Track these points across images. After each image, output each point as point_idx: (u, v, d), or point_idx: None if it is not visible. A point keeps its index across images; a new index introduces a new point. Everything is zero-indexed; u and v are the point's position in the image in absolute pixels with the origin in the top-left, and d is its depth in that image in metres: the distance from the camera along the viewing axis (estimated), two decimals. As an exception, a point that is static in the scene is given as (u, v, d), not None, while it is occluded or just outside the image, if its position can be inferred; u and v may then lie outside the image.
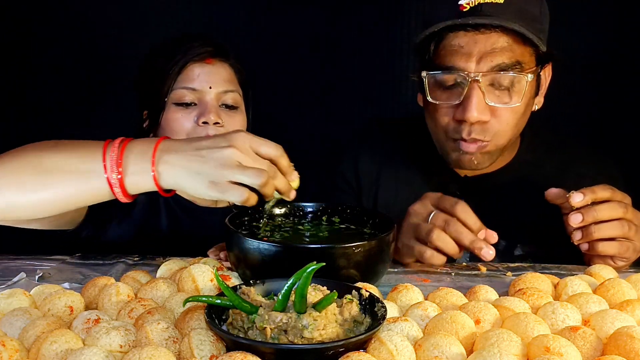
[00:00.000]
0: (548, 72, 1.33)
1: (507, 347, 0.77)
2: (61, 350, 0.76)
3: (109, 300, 0.93)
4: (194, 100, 1.44)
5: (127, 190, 1.02)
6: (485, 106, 1.21)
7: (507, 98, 1.23)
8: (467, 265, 1.23)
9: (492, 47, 1.19)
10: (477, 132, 1.24)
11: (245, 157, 0.99)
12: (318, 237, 1.12)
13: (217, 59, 1.48)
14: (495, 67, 1.20)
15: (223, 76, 1.47)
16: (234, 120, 1.47)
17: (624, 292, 0.97)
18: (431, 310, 0.89)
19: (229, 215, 1.12)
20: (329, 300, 0.81)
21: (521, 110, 1.25)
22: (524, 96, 1.23)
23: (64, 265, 1.20)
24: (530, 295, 0.96)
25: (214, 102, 1.44)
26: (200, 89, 1.44)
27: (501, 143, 1.28)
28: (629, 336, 0.77)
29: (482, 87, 1.20)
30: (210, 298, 0.83)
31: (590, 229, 1.11)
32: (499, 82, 1.22)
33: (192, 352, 0.75)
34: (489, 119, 1.23)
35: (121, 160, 1.00)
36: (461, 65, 1.21)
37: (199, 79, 1.44)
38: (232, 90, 1.47)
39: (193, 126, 1.43)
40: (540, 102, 1.34)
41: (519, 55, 1.21)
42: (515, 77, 1.21)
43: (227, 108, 1.47)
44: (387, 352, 0.75)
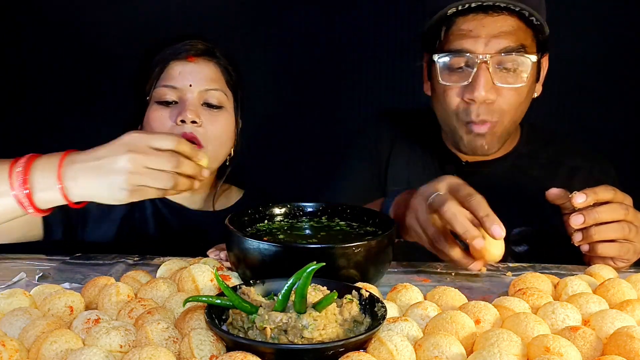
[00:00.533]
0: (546, 61, 1.40)
1: (507, 347, 0.77)
2: (61, 350, 0.76)
3: (109, 300, 0.93)
4: (175, 98, 1.42)
5: (37, 206, 1.07)
6: (493, 86, 1.28)
7: (512, 79, 1.30)
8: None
9: (500, 30, 1.27)
10: (485, 112, 1.30)
11: (146, 158, 1.03)
12: (318, 237, 1.12)
13: (202, 58, 1.45)
14: (502, 49, 1.27)
15: (206, 74, 1.44)
16: (216, 120, 1.43)
17: (624, 292, 0.97)
18: (431, 310, 0.89)
19: (228, 216, 1.12)
20: (329, 300, 0.81)
21: (524, 92, 1.32)
22: (527, 78, 1.30)
23: (64, 265, 1.20)
24: (530, 295, 0.96)
25: (194, 100, 1.41)
26: (180, 87, 1.41)
27: (506, 124, 1.34)
28: (629, 336, 0.77)
29: (490, 68, 1.27)
30: (210, 298, 0.83)
31: (590, 231, 1.11)
32: (505, 64, 1.28)
33: (192, 352, 0.75)
34: (495, 99, 1.29)
35: (27, 177, 1.04)
36: (470, 47, 1.28)
37: (180, 76, 1.42)
38: (215, 89, 1.44)
39: (172, 125, 1.40)
40: (539, 90, 1.40)
41: (523, 38, 1.28)
42: (520, 59, 1.28)
43: (210, 107, 1.43)
44: (387, 352, 0.75)
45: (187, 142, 1.09)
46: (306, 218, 1.21)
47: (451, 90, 1.33)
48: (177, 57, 1.43)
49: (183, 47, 1.44)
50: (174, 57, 1.43)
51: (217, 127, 1.43)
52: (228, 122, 1.46)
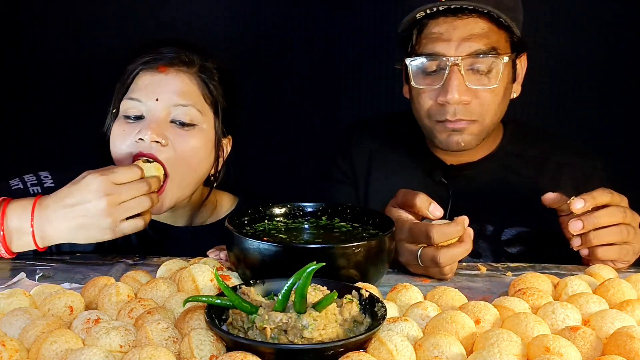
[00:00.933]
0: (524, 61, 1.41)
1: (507, 347, 0.77)
2: (61, 350, 0.76)
3: (109, 300, 0.93)
4: (140, 113, 1.26)
5: (12, 249, 1.13)
6: (466, 88, 1.29)
7: (486, 80, 1.30)
8: (467, 265, 1.23)
9: (470, 32, 1.28)
10: (461, 112, 1.31)
11: (118, 195, 1.11)
12: (318, 237, 1.12)
13: (174, 68, 1.28)
14: (473, 52, 1.28)
15: (177, 87, 1.27)
16: (185, 140, 1.26)
17: (624, 292, 0.97)
18: (431, 310, 0.89)
19: (228, 216, 1.12)
20: (329, 300, 0.81)
21: (500, 93, 1.32)
22: (501, 79, 1.30)
23: (64, 265, 1.20)
24: (530, 295, 0.96)
25: (160, 117, 1.25)
26: (145, 100, 1.25)
27: (486, 124, 1.34)
28: (629, 336, 0.77)
29: (462, 70, 1.28)
30: (210, 298, 0.83)
31: (589, 236, 1.12)
32: (478, 66, 1.29)
33: (192, 352, 0.75)
34: (471, 101, 1.30)
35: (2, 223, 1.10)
36: (441, 50, 1.29)
37: (147, 89, 1.26)
38: (186, 104, 1.26)
39: (131, 142, 1.25)
40: (518, 90, 1.41)
41: (495, 41, 1.29)
42: (493, 61, 1.29)
43: (181, 125, 1.27)
44: (387, 352, 0.75)
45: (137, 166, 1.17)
46: (306, 218, 1.21)
47: (424, 93, 1.34)
48: (147, 67, 1.28)
49: (155, 55, 1.29)
50: (143, 66, 1.28)
51: (187, 148, 1.26)
52: (202, 141, 1.29)
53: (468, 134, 1.33)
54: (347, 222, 1.19)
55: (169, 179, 1.26)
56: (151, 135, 1.22)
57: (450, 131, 1.33)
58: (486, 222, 1.43)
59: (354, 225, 1.17)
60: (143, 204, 1.14)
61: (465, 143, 1.34)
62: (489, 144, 1.45)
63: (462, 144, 1.34)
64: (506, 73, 1.32)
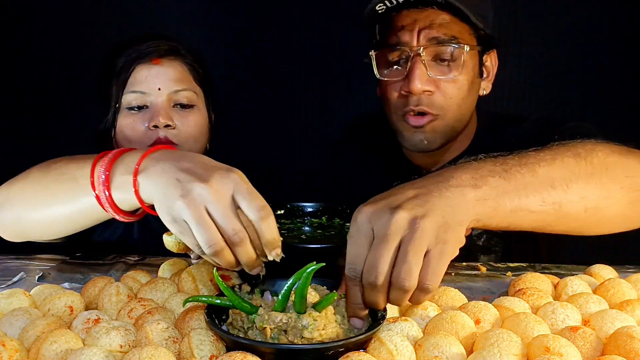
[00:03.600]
0: (494, 58, 1.41)
1: (507, 347, 0.77)
2: (61, 350, 0.76)
3: (109, 300, 0.93)
4: (145, 103, 1.40)
5: (119, 206, 0.92)
6: (429, 78, 1.28)
7: (448, 70, 1.29)
8: (467, 265, 1.23)
9: (431, 22, 1.28)
10: (424, 103, 1.29)
11: (217, 206, 0.83)
12: (318, 237, 1.12)
13: (166, 58, 1.42)
14: (433, 39, 1.28)
15: (173, 75, 1.42)
16: (187, 120, 1.42)
17: (624, 292, 0.97)
18: (431, 310, 0.89)
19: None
20: (329, 300, 0.81)
21: (464, 86, 1.31)
22: (465, 71, 1.30)
23: (64, 265, 1.20)
24: (530, 295, 0.96)
25: (165, 103, 1.39)
26: (148, 91, 1.39)
27: (448, 119, 1.31)
28: (629, 336, 0.77)
29: (424, 60, 1.27)
30: (210, 298, 0.83)
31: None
32: (440, 56, 1.29)
33: (192, 352, 0.75)
34: (434, 91, 1.29)
35: (109, 174, 0.91)
36: (404, 40, 1.29)
37: (147, 81, 1.39)
38: (184, 89, 1.42)
39: (145, 130, 1.38)
40: (488, 88, 1.40)
41: (457, 31, 1.29)
42: (455, 51, 1.28)
43: (182, 107, 1.42)
44: (387, 352, 0.75)
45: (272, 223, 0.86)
46: (306, 218, 1.21)
47: (389, 85, 1.34)
48: (141, 61, 1.40)
49: (146, 49, 1.41)
50: (138, 60, 1.40)
51: (190, 126, 1.42)
52: (200, 119, 1.46)
53: (430, 132, 1.32)
54: (347, 222, 1.19)
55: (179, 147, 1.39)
56: (163, 121, 1.36)
57: (413, 129, 1.32)
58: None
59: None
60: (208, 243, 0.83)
61: (429, 142, 1.33)
62: (460, 143, 1.42)
63: (425, 142, 1.33)
64: (470, 66, 1.31)
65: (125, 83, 1.39)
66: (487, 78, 1.40)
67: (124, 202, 0.92)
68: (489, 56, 1.39)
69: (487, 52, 1.37)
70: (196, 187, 0.83)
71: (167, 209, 0.84)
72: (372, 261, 0.79)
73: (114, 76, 1.40)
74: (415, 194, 0.84)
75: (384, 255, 0.79)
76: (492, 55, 1.40)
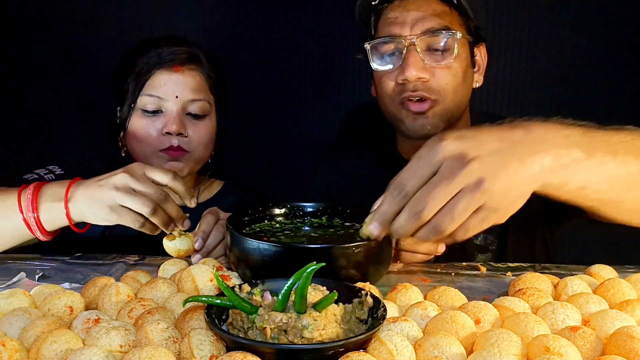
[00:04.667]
0: (483, 52, 1.46)
1: (507, 347, 0.77)
2: (61, 350, 0.76)
3: (109, 300, 0.93)
4: (159, 108, 1.44)
5: (45, 227, 1.14)
6: (423, 66, 1.32)
7: (442, 58, 1.34)
8: (467, 265, 1.23)
9: (423, 13, 1.33)
10: (422, 89, 1.33)
11: (136, 182, 1.09)
12: (318, 237, 1.12)
13: (187, 67, 1.46)
14: (426, 30, 1.32)
15: (191, 85, 1.46)
16: (198, 129, 1.47)
17: (624, 292, 0.97)
18: (431, 310, 0.89)
19: (228, 216, 1.12)
20: (329, 300, 0.81)
21: (459, 73, 1.35)
22: (458, 58, 1.34)
23: (64, 265, 1.20)
24: (530, 295, 0.96)
25: (179, 111, 1.44)
26: (165, 97, 1.43)
27: (447, 104, 1.35)
28: (629, 336, 0.77)
29: (418, 49, 1.32)
30: (210, 298, 0.83)
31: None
32: (434, 45, 1.33)
33: (192, 352, 0.75)
34: (429, 78, 1.33)
35: (36, 202, 1.13)
36: (397, 31, 1.34)
37: (166, 87, 1.43)
38: (199, 99, 1.46)
39: (157, 135, 1.44)
40: (480, 80, 1.45)
41: (449, 21, 1.34)
42: (447, 38, 1.33)
43: (193, 117, 1.47)
44: (387, 352, 0.75)
45: (181, 180, 1.16)
46: (306, 218, 1.21)
47: (385, 75, 1.37)
48: (162, 66, 1.43)
49: (168, 54, 1.44)
50: (159, 65, 1.43)
51: (201, 135, 1.48)
52: (210, 128, 1.51)
53: (432, 117, 1.34)
54: (347, 222, 1.19)
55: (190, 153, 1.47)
56: (177, 129, 1.42)
57: (414, 114, 1.35)
58: None
59: (354, 225, 1.17)
60: (144, 206, 1.09)
61: (432, 127, 1.35)
62: None
63: (428, 127, 1.35)
64: (463, 55, 1.35)
65: (143, 85, 1.43)
66: (478, 71, 1.45)
67: (50, 224, 1.15)
68: (479, 49, 1.44)
69: (477, 45, 1.43)
70: (117, 178, 1.09)
71: (101, 205, 1.09)
72: (428, 193, 0.81)
73: (133, 76, 1.43)
74: (497, 148, 0.84)
75: (441, 194, 0.80)
76: (482, 49, 1.45)
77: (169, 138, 1.43)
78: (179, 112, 1.44)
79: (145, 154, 1.47)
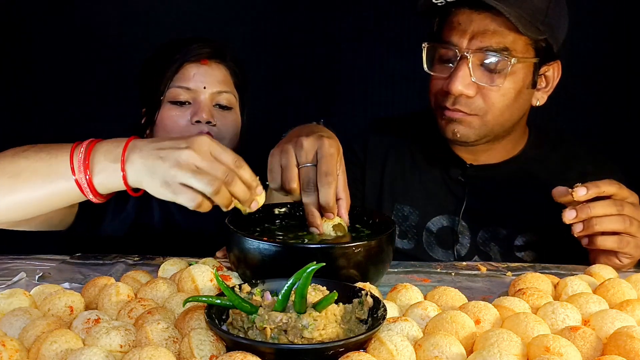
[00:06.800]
0: (556, 70, 1.37)
1: (507, 347, 0.77)
2: (61, 350, 0.76)
3: (109, 300, 0.93)
4: (188, 99, 1.48)
5: (97, 189, 1.03)
6: (471, 82, 1.28)
7: (493, 78, 1.29)
8: (467, 265, 1.23)
9: (485, 28, 1.27)
10: (462, 104, 1.30)
11: (202, 161, 0.98)
12: (318, 237, 1.12)
13: (214, 61, 1.51)
14: (483, 47, 1.27)
15: (218, 77, 1.51)
16: (226, 120, 1.51)
17: (624, 292, 0.97)
18: (431, 310, 0.89)
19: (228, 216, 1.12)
20: (329, 300, 0.81)
21: (510, 95, 1.30)
22: (511, 81, 1.29)
23: (64, 265, 1.20)
24: (530, 295, 0.96)
25: (207, 101, 1.48)
26: (194, 88, 1.47)
27: (487, 121, 1.32)
28: (629, 336, 0.77)
29: (470, 63, 1.27)
30: (210, 298, 0.83)
31: (591, 222, 1.12)
32: (487, 62, 1.28)
33: (192, 352, 0.75)
34: (474, 95, 1.29)
35: (88, 162, 1.02)
36: (455, 40, 1.29)
37: (194, 79, 1.48)
38: (226, 91, 1.51)
39: (187, 124, 1.47)
40: (542, 99, 1.38)
41: (510, 41, 1.27)
42: (501, 60, 1.27)
43: (221, 108, 1.51)
44: (387, 352, 0.75)
45: (248, 169, 1.04)
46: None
47: (434, 79, 1.35)
48: (191, 60, 1.49)
49: (197, 49, 1.49)
50: (188, 59, 1.48)
51: (228, 127, 1.51)
52: (236, 121, 1.54)
53: (465, 126, 1.33)
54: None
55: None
56: (206, 117, 1.45)
57: (447, 119, 1.34)
58: (500, 226, 1.42)
59: (354, 226, 1.17)
60: (208, 185, 0.98)
61: (461, 134, 1.33)
62: (511, 146, 1.44)
63: (458, 134, 1.34)
64: (521, 76, 1.30)
65: (172, 78, 1.47)
66: (543, 89, 1.38)
67: (103, 187, 1.03)
68: (551, 67, 1.36)
69: (548, 63, 1.34)
70: (181, 154, 0.98)
71: (160, 180, 0.98)
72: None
73: (162, 72, 1.48)
74: None
75: None
76: (555, 67, 1.37)
77: (199, 126, 1.46)
78: (208, 102, 1.48)
79: None
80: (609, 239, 1.13)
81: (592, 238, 1.14)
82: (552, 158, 1.46)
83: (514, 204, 1.42)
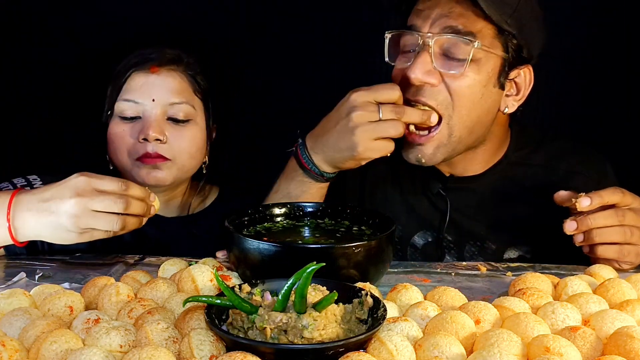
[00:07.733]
0: (528, 77, 1.28)
1: (507, 347, 0.77)
2: (61, 350, 0.76)
3: (109, 300, 0.93)
4: (137, 113, 1.34)
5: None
6: (432, 69, 1.18)
7: (456, 65, 1.18)
8: (467, 265, 1.23)
9: (450, 10, 1.19)
10: (426, 95, 1.20)
11: (92, 201, 1.01)
12: (318, 237, 1.12)
13: (165, 68, 1.36)
14: (447, 28, 1.18)
15: (170, 87, 1.35)
16: (182, 134, 1.36)
17: (624, 292, 0.97)
18: (431, 310, 0.89)
19: (228, 216, 1.12)
20: (329, 300, 0.81)
21: (475, 87, 1.20)
22: (477, 69, 1.19)
23: (64, 265, 1.20)
24: (530, 295, 0.96)
25: (158, 116, 1.34)
26: (142, 101, 1.34)
27: (454, 126, 1.22)
28: (629, 336, 0.77)
29: (432, 49, 1.18)
30: (210, 298, 0.83)
31: (592, 233, 1.11)
32: (450, 49, 1.18)
33: (192, 352, 0.75)
34: (437, 84, 1.19)
35: None
36: (418, 24, 1.21)
37: (142, 90, 1.34)
38: (181, 102, 1.36)
39: (134, 142, 1.34)
40: (512, 106, 1.28)
41: (478, 29, 1.18)
42: (464, 45, 1.17)
43: (175, 122, 1.36)
44: (387, 352, 0.75)
45: (136, 186, 1.06)
46: (306, 218, 1.21)
47: (396, 70, 1.26)
48: (138, 68, 1.34)
49: (145, 56, 1.35)
50: (135, 67, 1.34)
51: (184, 142, 1.37)
52: (196, 134, 1.40)
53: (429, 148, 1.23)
54: (347, 222, 1.19)
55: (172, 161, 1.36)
56: (153, 134, 1.31)
57: (409, 144, 1.24)
58: (488, 240, 1.36)
59: (354, 225, 1.17)
60: (112, 224, 1.02)
61: (427, 159, 1.24)
62: (491, 154, 1.35)
63: (423, 160, 1.25)
64: (487, 69, 1.19)
65: (120, 89, 1.34)
66: (514, 96, 1.28)
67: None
68: (522, 71, 1.26)
69: (518, 66, 1.24)
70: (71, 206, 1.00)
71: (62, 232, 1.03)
72: None
73: (110, 80, 1.35)
74: None
75: None
76: (526, 72, 1.26)
77: (145, 145, 1.32)
78: (158, 116, 1.33)
79: (123, 164, 1.38)
80: (609, 249, 1.12)
81: (593, 247, 1.13)
82: (535, 158, 1.38)
83: (500, 215, 1.35)
